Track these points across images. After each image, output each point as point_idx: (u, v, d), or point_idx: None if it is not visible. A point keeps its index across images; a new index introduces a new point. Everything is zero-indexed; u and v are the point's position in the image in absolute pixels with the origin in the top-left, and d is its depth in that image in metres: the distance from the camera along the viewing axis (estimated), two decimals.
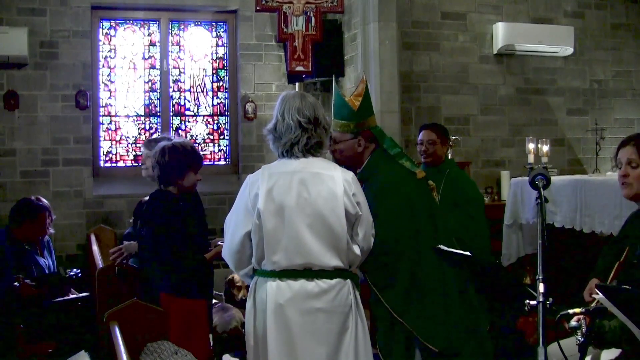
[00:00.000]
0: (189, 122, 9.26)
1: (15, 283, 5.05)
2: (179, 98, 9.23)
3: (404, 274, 3.91)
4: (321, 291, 3.49)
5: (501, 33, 8.86)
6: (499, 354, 5.35)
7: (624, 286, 3.16)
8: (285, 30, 6.79)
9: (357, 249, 3.63)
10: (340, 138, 4.22)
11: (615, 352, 3.31)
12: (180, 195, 4.54)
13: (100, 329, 4.40)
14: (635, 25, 9.62)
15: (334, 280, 3.52)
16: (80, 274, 5.65)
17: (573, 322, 3.07)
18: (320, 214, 3.50)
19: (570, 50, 9.13)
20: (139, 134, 9.06)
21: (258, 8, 6.90)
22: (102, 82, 8.90)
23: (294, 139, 3.59)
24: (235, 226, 3.61)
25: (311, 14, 6.79)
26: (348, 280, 3.59)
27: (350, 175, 3.66)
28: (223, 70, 9.38)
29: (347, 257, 3.58)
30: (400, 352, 4.06)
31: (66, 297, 5.89)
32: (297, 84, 7.86)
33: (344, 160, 4.20)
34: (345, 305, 3.55)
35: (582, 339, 3.02)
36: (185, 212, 4.47)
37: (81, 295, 6.09)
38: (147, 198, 7.27)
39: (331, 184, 3.56)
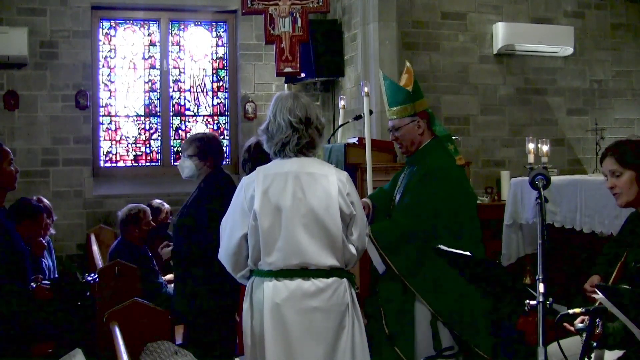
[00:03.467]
0: (189, 122, 9.27)
1: (32, 284, 5.00)
2: (179, 98, 9.24)
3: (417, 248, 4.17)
4: (317, 290, 3.49)
5: (501, 33, 8.85)
6: (499, 354, 5.35)
7: (624, 286, 3.16)
8: (272, 32, 6.79)
9: (352, 249, 3.64)
10: (400, 124, 4.40)
11: (618, 352, 3.31)
12: None
13: (100, 329, 4.40)
14: (635, 25, 9.62)
15: (330, 279, 3.53)
16: (97, 279, 5.58)
17: (579, 324, 3.07)
18: (315, 214, 3.50)
19: (570, 50, 9.12)
20: (139, 134, 9.07)
21: (244, 11, 6.89)
22: (102, 82, 8.91)
23: (285, 139, 3.60)
24: (231, 228, 3.61)
25: (297, 15, 6.78)
26: (344, 279, 3.60)
27: (344, 175, 3.68)
28: (223, 70, 9.39)
29: (343, 257, 3.59)
30: (410, 334, 4.24)
31: None
32: (286, 84, 7.86)
33: (405, 146, 4.43)
34: (342, 304, 3.55)
35: (585, 340, 3.02)
36: None
37: None
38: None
39: (325, 184, 3.57)
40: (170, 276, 7.00)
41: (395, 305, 4.30)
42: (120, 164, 9.01)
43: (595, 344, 3.03)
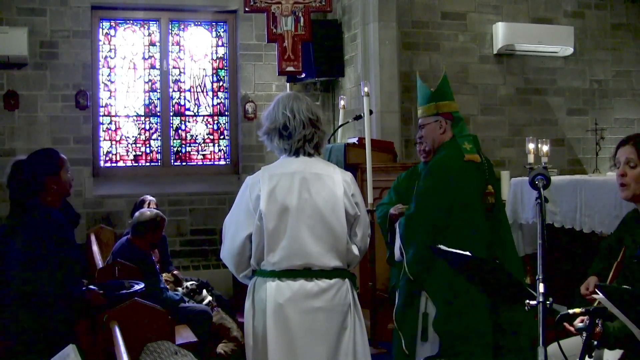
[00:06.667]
0: (189, 122, 9.26)
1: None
2: (179, 98, 9.24)
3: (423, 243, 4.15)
4: (320, 290, 3.49)
5: (501, 33, 8.85)
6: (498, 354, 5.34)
7: (624, 286, 3.16)
8: (274, 31, 6.80)
9: (355, 249, 3.64)
10: (424, 122, 4.53)
11: (617, 352, 3.31)
12: None
13: (101, 329, 4.39)
14: (635, 25, 9.62)
15: (333, 280, 3.53)
16: (144, 289, 5.58)
17: (579, 324, 3.07)
18: (321, 214, 3.50)
19: (570, 50, 9.12)
20: (139, 134, 9.07)
21: (247, 9, 6.90)
22: (102, 82, 8.91)
23: (308, 136, 3.60)
24: (236, 228, 3.59)
25: (300, 14, 6.79)
26: (346, 280, 3.60)
27: (349, 176, 3.68)
28: (223, 70, 9.39)
29: (346, 258, 3.59)
30: (413, 323, 4.23)
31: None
32: (288, 84, 7.88)
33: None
34: (344, 305, 3.56)
35: (585, 340, 3.02)
36: None
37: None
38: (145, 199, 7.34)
39: (331, 184, 3.56)
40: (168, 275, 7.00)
41: (404, 293, 4.33)
42: (120, 164, 9.01)
43: (596, 342, 3.03)
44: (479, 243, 4.26)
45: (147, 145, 9.11)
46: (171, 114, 9.19)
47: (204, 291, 6.78)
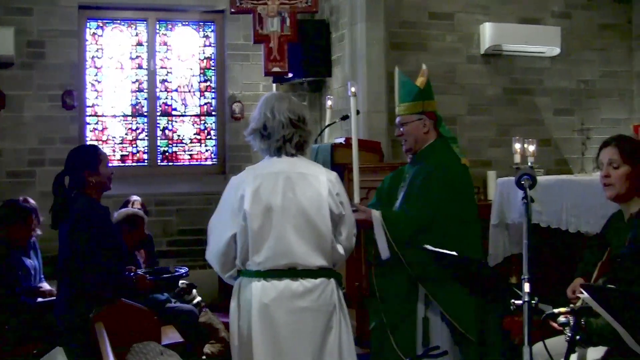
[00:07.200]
0: (176, 122, 9.24)
1: (131, 273, 5.21)
2: (166, 98, 9.22)
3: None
4: (306, 290, 3.50)
5: (489, 33, 8.85)
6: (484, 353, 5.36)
7: (609, 285, 3.18)
8: (260, 31, 6.82)
9: (341, 249, 3.65)
10: (406, 120, 4.47)
11: (600, 350, 3.32)
12: None
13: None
14: (622, 25, 9.64)
15: (318, 280, 3.54)
16: (188, 274, 5.85)
17: (562, 319, 3.09)
18: (306, 214, 3.51)
19: (557, 51, 9.14)
20: (126, 134, 9.05)
21: (233, 10, 6.93)
22: (89, 82, 8.88)
23: (287, 136, 3.60)
24: (221, 228, 3.60)
25: (286, 15, 6.82)
26: (332, 280, 3.61)
27: (333, 175, 3.68)
28: (210, 70, 9.37)
29: (331, 257, 3.59)
30: (411, 332, 4.24)
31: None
32: (274, 84, 7.88)
33: (409, 143, 4.46)
34: (330, 304, 3.56)
35: (570, 336, 3.03)
36: None
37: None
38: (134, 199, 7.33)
39: (316, 184, 3.57)
40: None
41: (397, 301, 4.30)
42: None
43: (578, 337, 3.04)
44: (478, 243, 4.33)
45: (134, 146, 9.09)
46: (158, 114, 9.17)
47: (194, 291, 6.77)
